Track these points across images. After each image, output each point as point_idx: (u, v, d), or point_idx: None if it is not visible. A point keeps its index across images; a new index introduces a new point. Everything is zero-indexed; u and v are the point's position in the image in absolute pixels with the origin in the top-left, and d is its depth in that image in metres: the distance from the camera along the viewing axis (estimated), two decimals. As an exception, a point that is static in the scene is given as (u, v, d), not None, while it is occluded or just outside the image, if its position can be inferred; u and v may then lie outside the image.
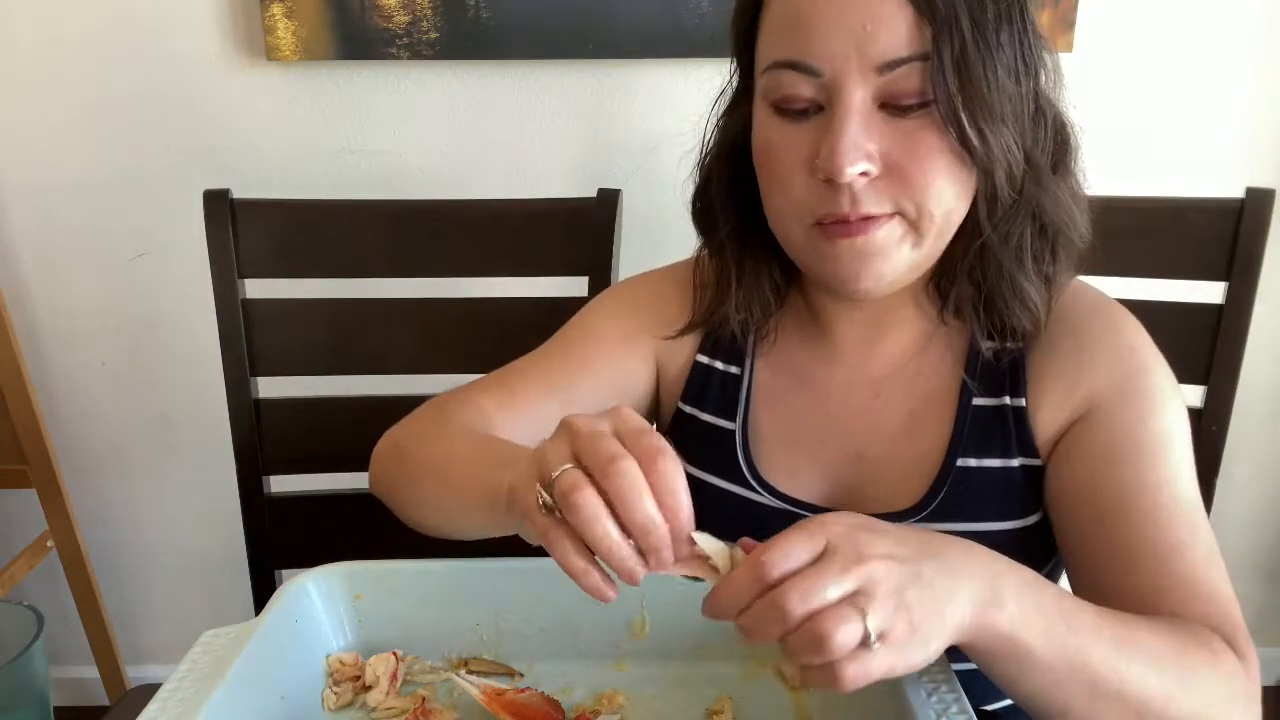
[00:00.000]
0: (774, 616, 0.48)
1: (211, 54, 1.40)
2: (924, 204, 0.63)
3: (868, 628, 0.47)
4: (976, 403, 0.73)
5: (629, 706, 0.67)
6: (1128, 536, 0.66)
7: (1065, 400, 0.71)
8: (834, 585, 0.47)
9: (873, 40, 0.60)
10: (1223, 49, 1.41)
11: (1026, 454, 0.72)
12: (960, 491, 0.72)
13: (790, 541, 0.49)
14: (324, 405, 1.14)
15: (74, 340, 1.56)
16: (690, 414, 0.82)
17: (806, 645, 0.47)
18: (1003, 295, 0.69)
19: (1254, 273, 0.98)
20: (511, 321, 1.10)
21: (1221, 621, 0.62)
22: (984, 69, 0.61)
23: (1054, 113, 0.68)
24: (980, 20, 0.60)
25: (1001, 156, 0.63)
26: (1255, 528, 1.68)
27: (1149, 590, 0.64)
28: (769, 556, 0.48)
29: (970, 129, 0.61)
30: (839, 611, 0.47)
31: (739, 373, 0.80)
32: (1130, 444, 0.68)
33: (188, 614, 1.75)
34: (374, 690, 0.67)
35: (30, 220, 1.50)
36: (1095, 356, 0.71)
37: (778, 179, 0.67)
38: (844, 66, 0.61)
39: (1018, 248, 0.67)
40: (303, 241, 1.11)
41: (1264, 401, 1.59)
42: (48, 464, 1.47)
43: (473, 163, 1.46)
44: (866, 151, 0.61)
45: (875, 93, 0.62)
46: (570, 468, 0.49)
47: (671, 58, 1.37)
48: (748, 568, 0.49)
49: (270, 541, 1.15)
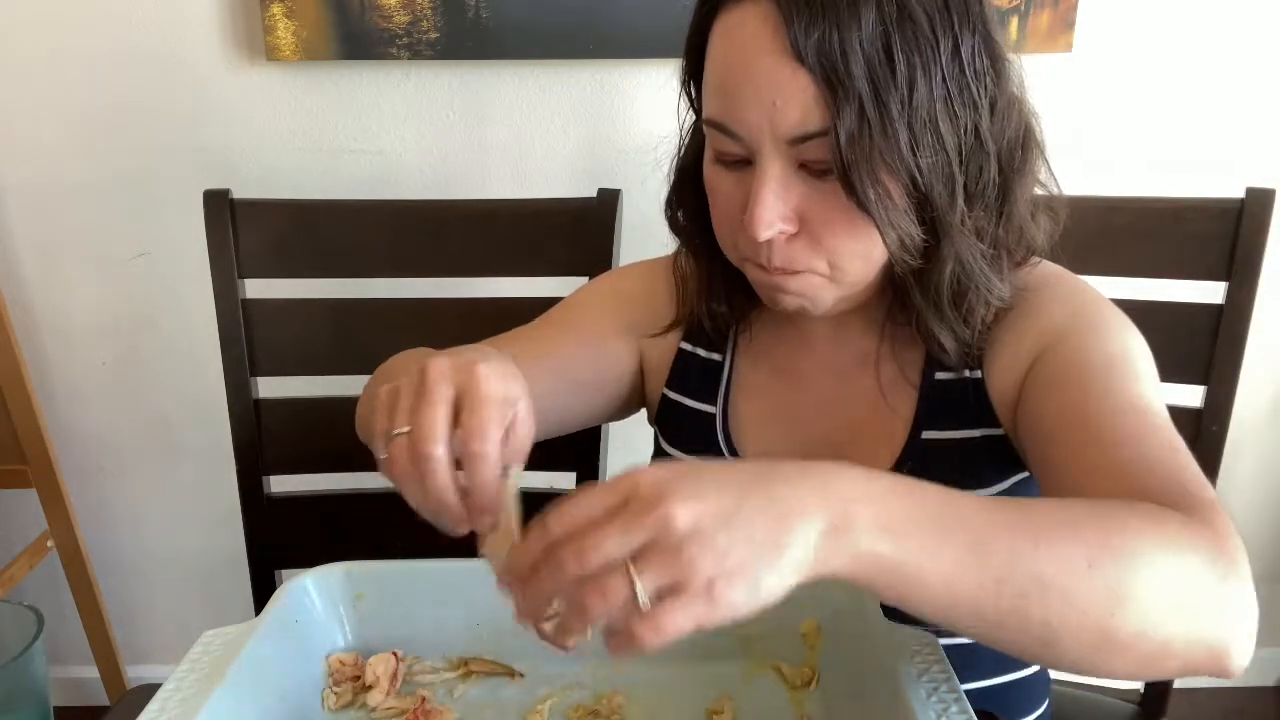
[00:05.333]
0: (548, 578, 0.46)
1: (211, 54, 1.40)
2: (837, 263, 0.67)
3: (635, 586, 0.44)
4: (939, 377, 0.75)
5: (629, 706, 0.67)
6: (1087, 445, 0.63)
7: (1015, 356, 0.72)
8: (616, 539, 0.44)
9: (782, 115, 0.61)
10: (1222, 49, 1.41)
11: (987, 424, 0.74)
12: (926, 463, 0.74)
13: (585, 494, 0.46)
14: (324, 405, 1.14)
15: (74, 340, 1.56)
16: (675, 400, 0.85)
17: (572, 612, 0.46)
18: (924, 332, 0.71)
19: (1254, 273, 0.98)
20: (511, 321, 1.09)
21: (1180, 495, 0.55)
22: (885, 139, 0.60)
23: (1010, 133, 0.67)
24: (885, 88, 0.60)
25: (895, 226, 0.63)
26: (1255, 528, 1.69)
27: (1107, 482, 0.59)
28: (555, 512, 0.46)
29: (868, 199, 0.61)
30: (603, 577, 0.44)
31: (720, 360, 0.83)
32: (1081, 366, 0.68)
33: (188, 614, 1.75)
34: (374, 690, 0.67)
35: (30, 220, 1.50)
36: (1041, 309, 0.72)
37: (718, 215, 0.71)
38: (760, 137, 0.63)
39: (935, 297, 0.69)
40: (303, 241, 1.11)
41: (1264, 401, 1.59)
42: (48, 464, 1.47)
43: (473, 163, 1.46)
44: (782, 214, 0.64)
45: (790, 160, 0.63)
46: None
47: (672, 58, 1.35)
48: (536, 527, 0.46)
49: (270, 541, 1.15)
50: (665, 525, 0.44)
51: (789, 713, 0.66)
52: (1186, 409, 1.00)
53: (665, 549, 0.44)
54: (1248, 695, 1.78)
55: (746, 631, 0.70)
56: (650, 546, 0.45)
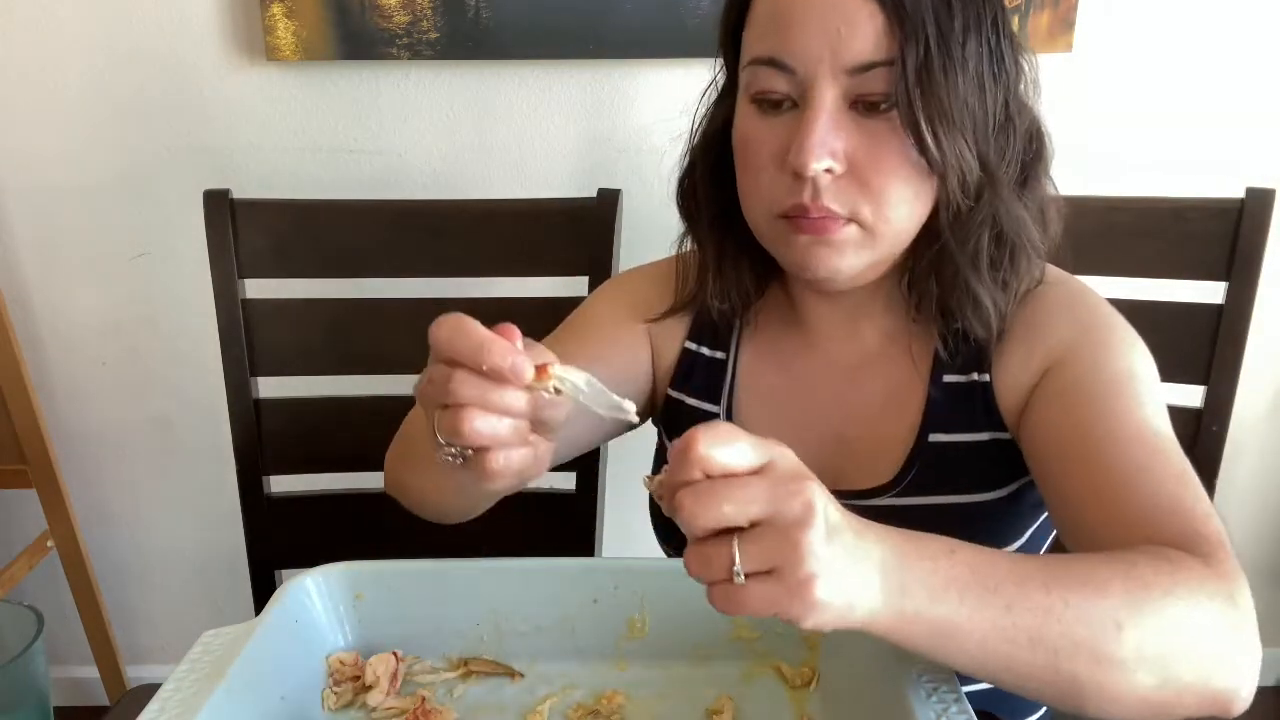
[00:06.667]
0: (681, 510, 0.46)
1: (211, 54, 1.40)
2: (880, 208, 0.66)
3: (735, 561, 0.45)
4: (947, 379, 0.75)
5: (629, 706, 0.67)
6: (1094, 471, 0.64)
7: (1025, 366, 0.72)
8: (746, 498, 0.45)
9: (846, 43, 0.62)
10: (1223, 49, 1.41)
11: (995, 428, 0.74)
12: (933, 466, 0.74)
13: (727, 434, 0.46)
14: (324, 405, 1.14)
15: (74, 340, 1.56)
16: (678, 399, 0.84)
17: (690, 559, 0.47)
18: (957, 299, 0.71)
19: (1254, 273, 0.98)
20: (511, 321, 1.10)
21: (1191, 537, 0.58)
22: (945, 77, 0.63)
23: (1028, 121, 0.70)
24: (947, 30, 0.63)
25: (955, 164, 0.65)
26: (1255, 528, 1.68)
27: (1118, 522, 0.61)
28: (702, 442, 0.46)
29: (927, 134, 0.63)
30: (711, 543, 0.46)
31: (724, 358, 0.83)
32: (1086, 386, 0.68)
33: (188, 614, 1.75)
34: (374, 690, 0.67)
35: (30, 221, 1.50)
36: (1051, 318, 0.72)
37: (751, 170, 0.69)
38: (817, 67, 0.63)
39: (974, 254, 0.69)
40: (303, 241, 1.11)
41: (1264, 401, 1.59)
42: (48, 464, 1.47)
43: (473, 163, 1.46)
44: (832, 149, 0.64)
45: (845, 92, 0.64)
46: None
47: (671, 58, 1.37)
48: (683, 445, 0.46)
49: (270, 541, 1.15)
50: (792, 505, 0.45)
51: (789, 713, 0.66)
52: (1186, 409, 1.00)
53: (783, 528, 0.45)
54: (1248, 695, 1.78)
55: (747, 632, 0.70)
56: (770, 521, 0.45)
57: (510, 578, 0.70)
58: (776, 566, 0.45)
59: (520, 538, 0.92)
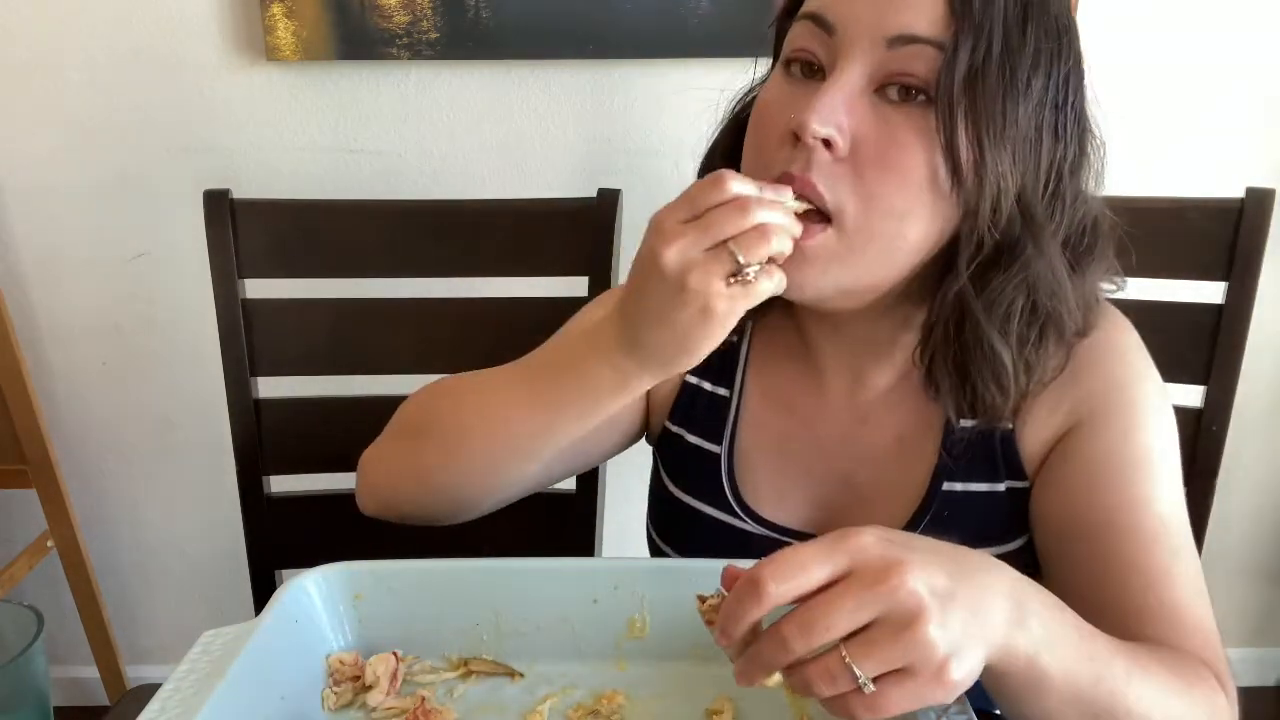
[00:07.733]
0: (772, 653, 0.45)
1: (211, 54, 1.40)
2: (868, 209, 0.60)
3: (855, 671, 0.43)
4: (963, 425, 0.70)
5: (629, 706, 0.67)
6: (1110, 556, 0.64)
7: (1051, 414, 0.69)
8: (847, 614, 0.43)
9: (895, 9, 0.58)
10: (1222, 49, 1.41)
11: (1014, 476, 0.71)
12: (946, 516, 0.71)
13: (799, 554, 0.44)
14: (324, 405, 1.14)
15: (74, 340, 1.56)
16: (677, 433, 0.81)
17: (799, 685, 0.45)
18: (976, 363, 0.64)
19: (1254, 273, 0.98)
20: (511, 321, 1.10)
21: (1209, 657, 0.61)
22: (999, 85, 0.58)
23: (1082, 212, 0.65)
24: (1015, 44, 0.58)
25: (992, 183, 0.59)
26: (1255, 527, 1.68)
27: (1132, 614, 0.62)
28: (770, 571, 0.44)
29: (963, 135, 0.58)
30: (826, 662, 0.44)
31: (727, 394, 0.79)
32: (1115, 461, 0.66)
33: (188, 614, 1.75)
34: (374, 690, 0.67)
35: (30, 221, 1.50)
36: (1082, 366, 0.69)
37: (757, 135, 0.65)
38: (858, 31, 0.59)
39: (1004, 315, 0.63)
40: (303, 241, 1.11)
41: (1264, 401, 1.59)
42: (48, 464, 1.47)
43: (473, 163, 1.46)
44: (839, 122, 0.59)
45: (877, 68, 0.59)
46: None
47: (671, 58, 1.37)
48: (747, 584, 0.44)
49: (270, 541, 1.15)
50: (899, 600, 0.43)
51: (789, 713, 0.66)
52: (1186, 409, 1.00)
53: (898, 628, 0.43)
54: (1248, 695, 1.76)
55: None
56: (880, 623, 0.44)
57: (510, 578, 0.70)
58: (908, 664, 0.44)
59: (520, 538, 0.92)
